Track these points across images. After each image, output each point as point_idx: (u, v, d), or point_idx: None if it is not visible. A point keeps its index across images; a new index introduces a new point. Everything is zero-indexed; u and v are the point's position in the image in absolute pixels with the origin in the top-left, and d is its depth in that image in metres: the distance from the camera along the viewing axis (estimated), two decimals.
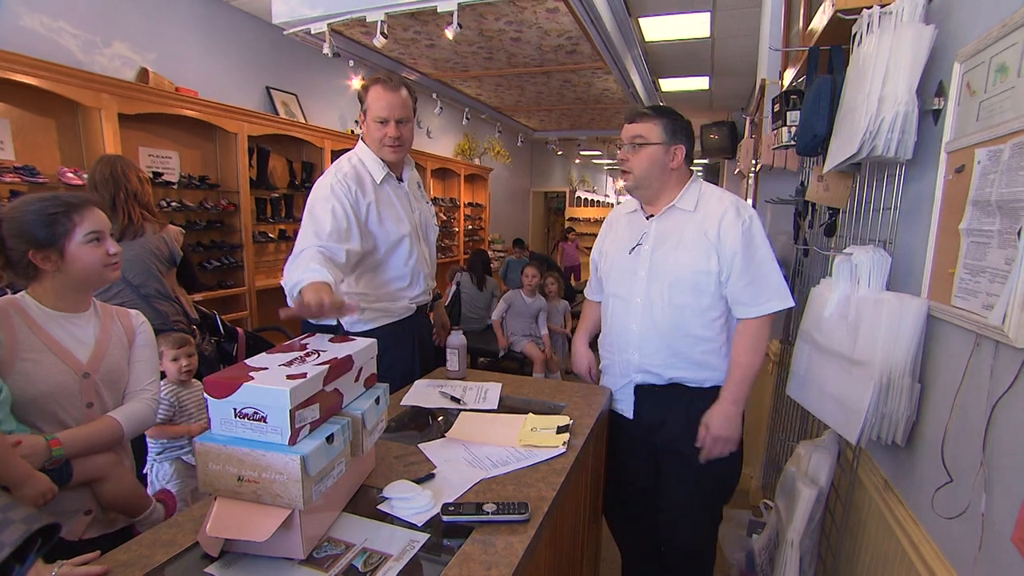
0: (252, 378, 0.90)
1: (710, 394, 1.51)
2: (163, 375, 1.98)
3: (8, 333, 1.10)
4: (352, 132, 4.90)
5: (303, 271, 1.40)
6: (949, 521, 0.98)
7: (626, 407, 1.64)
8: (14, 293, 1.19)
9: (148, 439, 1.96)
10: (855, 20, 1.36)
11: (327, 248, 1.53)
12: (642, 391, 1.60)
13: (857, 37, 1.36)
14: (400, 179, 1.83)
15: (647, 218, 1.58)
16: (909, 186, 1.31)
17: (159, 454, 1.97)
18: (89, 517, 1.21)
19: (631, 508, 1.72)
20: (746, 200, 2.35)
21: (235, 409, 0.89)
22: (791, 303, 1.47)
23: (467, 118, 6.38)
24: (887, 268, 1.33)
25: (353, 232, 1.61)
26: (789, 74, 2.31)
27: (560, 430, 1.37)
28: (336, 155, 4.66)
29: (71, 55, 2.89)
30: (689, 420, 1.52)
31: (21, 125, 2.68)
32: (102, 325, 1.26)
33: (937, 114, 1.16)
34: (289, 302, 1.43)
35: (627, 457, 1.68)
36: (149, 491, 1.94)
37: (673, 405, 1.55)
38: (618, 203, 14.53)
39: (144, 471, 1.98)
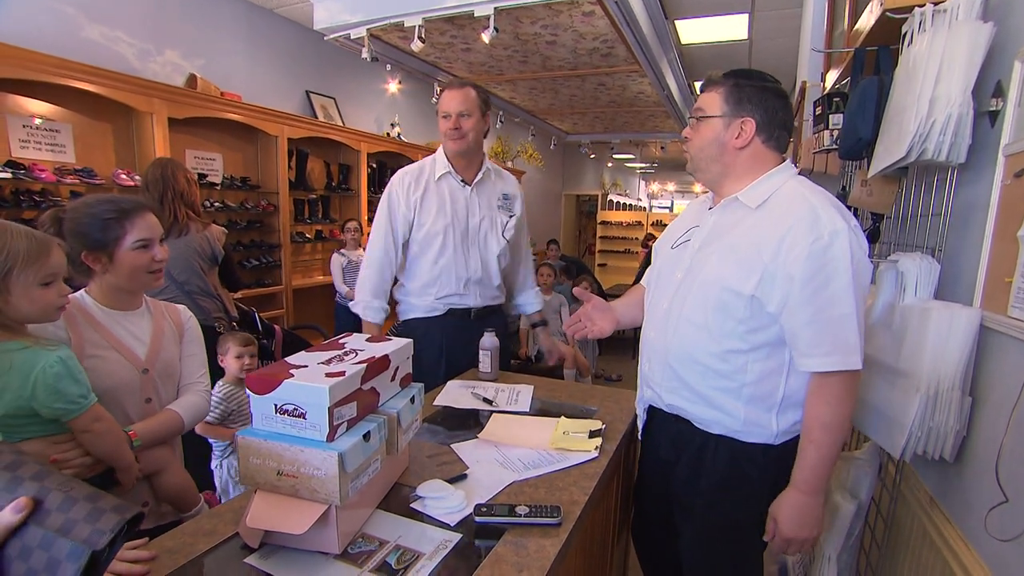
0: (293, 375, 0.92)
1: (722, 444, 1.21)
2: (222, 373, 2.06)
3: (75, 331, 1.16)
4: (388, 135, 4.99)
5: (364, 310, 1.93)
6: (1004, 544, 0.94)
7: (640, 424, 1.43)
8: (75, 291, 1.25)
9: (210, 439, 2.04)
10: (905, 19, 1.32)
11: (377, 291, 1.91)
12: (652, 413, 1.37)
13: (907, 36, 1.31)
14: (466, 182, 1.91)
15: (709, 209, 1.29)
16: (961, 191, 1.25)
17: (223, 450, 2.05)
18: (146, 509, 1.26)
19: (656, 533, 1.51)
20: None
21: (276, 405, 0.91)
22: (857, 366, 1.07)
23: (501, 121, 6.41)
24: (935, 276, 1.28)
25: (392, 255, 1.91)
26: (831, 76, 2.25)
27: (592, 434, 1.37)
28: (372, 157, 4.76)
29: (127, 63, 3.03)
30: (696, 471, 1.26)
31: (82, 130, 2.83)
32: (154, 322, 1.31)
33: (994, 116, 1.11)
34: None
35: (650, 482, 1.46)
36: (217, 484, 2.02)
37: (687, 446, 1.27)
38: (650, 207, 14.36)
39: (211, 467, 2.07)
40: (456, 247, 1.88)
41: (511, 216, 1.98)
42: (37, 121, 2.65)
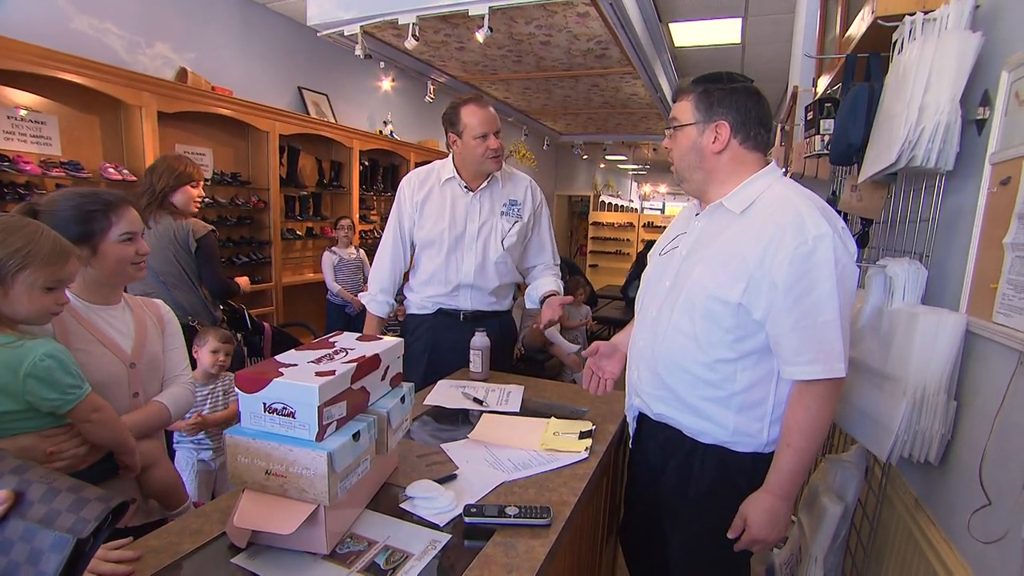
0: (282, 374, 0.92)
1: (711, 452, 1.20)
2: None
3: (58, 325, 1.14)
4: (380, 133, 4.97)
5: (370, 302, 2.02)
6: (986, 546, 0.95)
7: (631, 431, 1.42)
8: None
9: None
10: (896, 27, 1.33)
11: (384, 286, 1.99)
12: (642, 420, 1.36)
13: (898, 44, 1.33)
14: (470, 188, 1.91)
15: (696, 215, 1.28)
16: (948, 198, 1.27)
17: (177, 443, 2.05)
18: (134, 505, 1.24)
19: (644, 538, 1.49)
20: None
21: (265, 404, 0.91)
22: (840, 374, 1.06)
23: None
24: (923, 281, 1.29)
25: (400, 252, 1.99)
26: (823, 82, 2.27)
27: (583, 435, 1.37)
28: (364, 155, 4.74)
29: (116, 55, 2.99)
30: (684, 478, 1.24)
31: (68, 122, 2.78)
32: (136, 316, 1.30)
33: (981, 124, 1.12)
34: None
35: (639, 487, 1.44)
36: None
37: (675, 453, 1.26)
38: (642, 209, 14.40)
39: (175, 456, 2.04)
40: (449, 251, 1.89)
41: (516, 222, 1.94)
42: (22, 112, 2.60)
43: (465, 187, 1.91)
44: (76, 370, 1.04)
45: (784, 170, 2.89)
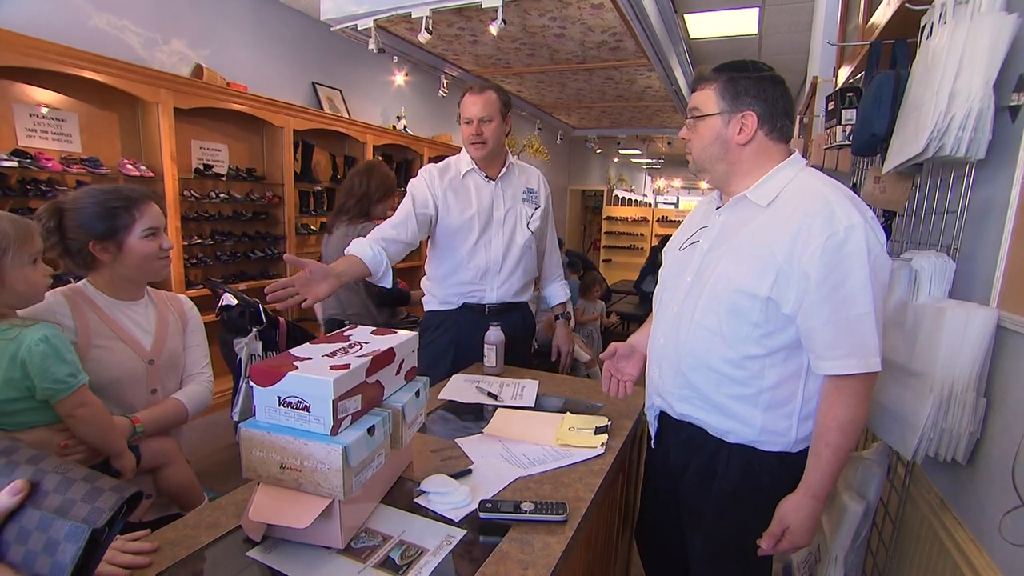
0: (296, 367, 0.91)
1: (737, 452, 1.16)
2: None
3: (80, 320, 1.15)
4: (393, 127, 4.97)
5: (355, 243, 1.75)
6: (1019, 548, 0.92)
7: (652, 431, 1.38)
8: (76, 281, 1.24)
9: None
10: (924, 11, 1.29)
11: (383, 236, 1.80)
12: (663, 420, 1.32)
13: (926, 29, 1.29)
14: (491, 178, 1.95)
15: (716, 208, 1.23)
16: (979, 188, 1.23)
17: None
18: (150, 501, 1.25)
19: (661, 538, 1.46)
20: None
21: (279, 397, 0.90)
22: (876, 368, 1.01)
23: None
24: (950, 275, 1.25)
25: (408, 226, 1.83)
26: (844, 71, 2.22)
27: (598, 431, 1.35)
28: (378, 150, 4.75)
29: (133, 52, 3.02)
30: (707, 478, 1.21)
31: (88, 119, 2.82)
32: (158, 312, 1.30)
33: (1015, 111, 1.08)
34: None
35: (658, 486, 1.41)
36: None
37: (698, 453, 1.22)
38: (656, 203, 14.31)
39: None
40: (479, 236, 1.92)
41: (536, 208, 2.02)
42: (43, 110, 2.64)
43: (486, 176, 1.95)
44: (72, 357, 1.04)
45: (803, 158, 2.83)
